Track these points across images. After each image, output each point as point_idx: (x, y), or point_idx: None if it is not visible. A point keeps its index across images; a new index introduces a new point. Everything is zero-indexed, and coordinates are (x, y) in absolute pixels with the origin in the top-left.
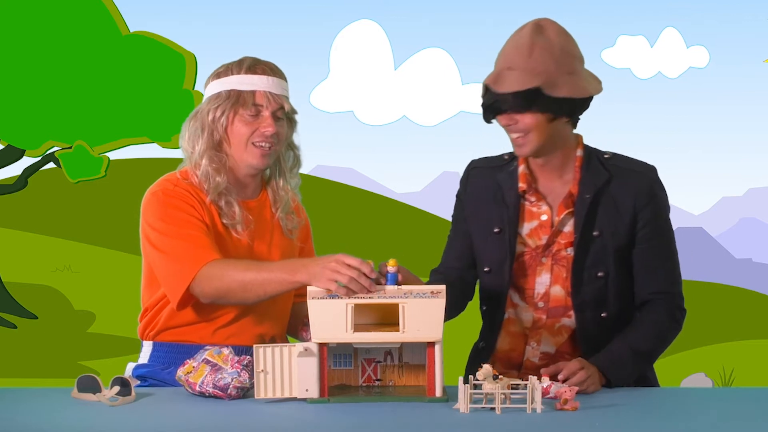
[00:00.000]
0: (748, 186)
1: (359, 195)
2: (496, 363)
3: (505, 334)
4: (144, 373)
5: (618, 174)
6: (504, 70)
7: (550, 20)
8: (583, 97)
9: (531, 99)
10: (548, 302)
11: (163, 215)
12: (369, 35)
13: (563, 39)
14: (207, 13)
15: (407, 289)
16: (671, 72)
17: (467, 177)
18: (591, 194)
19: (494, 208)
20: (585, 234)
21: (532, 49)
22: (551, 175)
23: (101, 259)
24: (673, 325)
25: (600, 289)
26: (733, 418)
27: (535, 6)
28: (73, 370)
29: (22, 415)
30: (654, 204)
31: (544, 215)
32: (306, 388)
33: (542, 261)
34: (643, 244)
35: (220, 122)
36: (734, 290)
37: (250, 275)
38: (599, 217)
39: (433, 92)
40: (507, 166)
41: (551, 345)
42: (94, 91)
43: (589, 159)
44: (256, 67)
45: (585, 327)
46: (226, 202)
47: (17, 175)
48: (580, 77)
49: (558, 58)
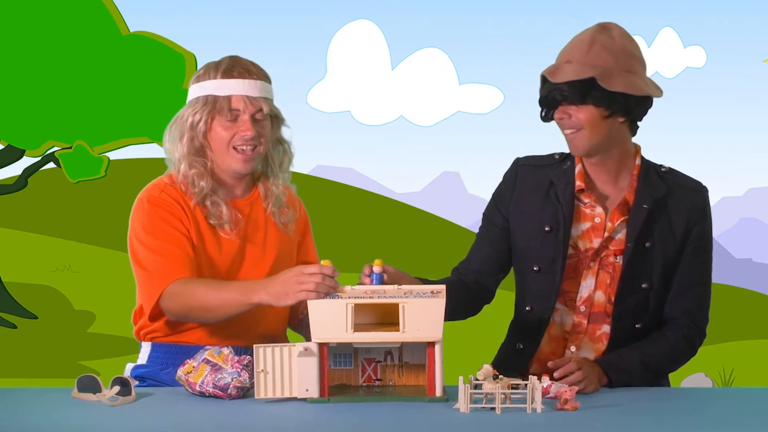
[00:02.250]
0: (748, 186)
1: (359, 195)
2: (534, 364)
3: (546, 336)
4: (142, 373)
5: (675, 189)
6: (563, 63)
7: (615, 24)
8: (640, 96)
9: (585, 90)
10: (590, 307)
11: (145, 224)
12: (366, 35)
13: (626, 40)
14: (207, 13)
15: (407, 289)
16: (668, 72)
17: (515, 174)
18: (649, 205)
19: (546, 206)
20: (638, 245)
21: (593, 44)
22: (606, 179)
23: (101, 259)
24: (689, 351)
25: (642, 300)
26: (733, 418)
27: (533, 6)
28: (73, 370)
29: (22, 415)
30: (705, 224)
31: (597, 218)
32: (306, 388)
33: (590, 265)
34: (687, 261)
35: (199, 128)
36: (734, 290)
37: (210, 296)
38: (653, 229)
39: (431, 92)
40: (560, 164)
41: (591, 351)
42: (94, 91)
43: (647, 170)
44: (232, 71)
45: (618, 336)
46: (213, 202)
47: (17, 175)
48: (639, 77)
49: (617, 55)
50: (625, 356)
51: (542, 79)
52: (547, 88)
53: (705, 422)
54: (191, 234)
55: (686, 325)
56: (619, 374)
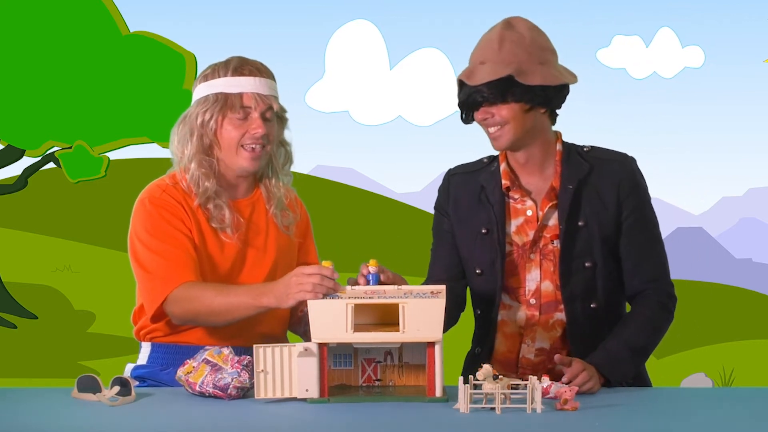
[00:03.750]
0: (748, 186)
1: (359, 195)
2: (494, 366)
3: (500, 336)
4: (142, 373)
5: (598, 165)
6: (477, 65)
7: (520, 17)
8: (557, 86)
9: (505, 88)
10: (540, 298)
11: (148, 226)
12: (364, 35)
13: (534, 33)
14: (207, 13)
15: (407, 289)
16: (667, 72)
17: (447, 185)
18: (573, 185)
19: (479, 210)
20: (570, 224)
21: (503, 42)
22: (532, 171)
23: (101, 259)
24: (666, 316)
25: (588, 279)
26: (733, 418)
27: (531, 6)
28: (73, 370)
29: (22, 415)
30: (637, 192)
31: (529, 210)
32: (306, 388)
33: (530, 257)
34: (630, 232)
35: (209, 126)
36: (734, 290)
37: (218, 300)
38: (583, 208)
39: (429, 92)
40: (488, 167)
41: (546, 341)
42: (94, 91)
43: (569, 152)
44: (242, 69)
45: (575, 319)
46: (216, 205)
47: (17, 175)
48: (553, 67)
49: (528, 49)
50: (611, 347)
51: (459, 83)
52: (465, 91)
53: (705, 422)
54: (193, 235)
55: (655, 293)
56: (612, 366)
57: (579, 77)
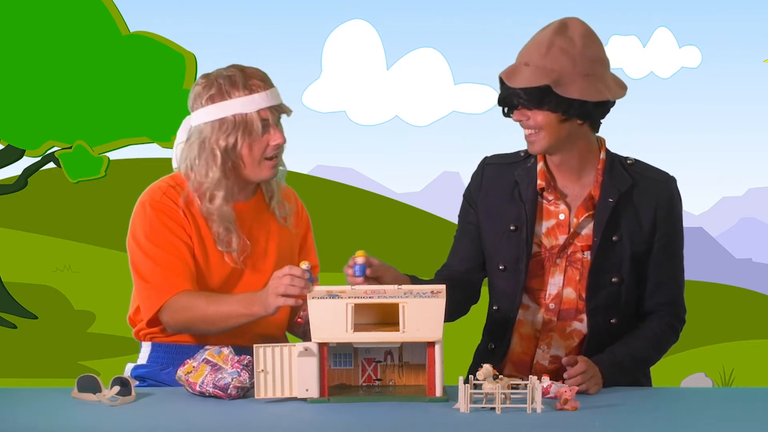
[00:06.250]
0: (748, 186)
1: (359, 195)
2: (507, 365)
3: (516, 336)
4: (142, 373)
5: (642, 181)
6: (521, 65)
7: (578, 20)
8: (598, 101)
9: (541, 96)
10: (559, 304)
11: (147, 230)
12: (361, 35)
13: (587, 40)
14: (207, 13)
15: (407, 288)
16: (663, 72)
17: (481, 173)
18: (615, 199)
19: (510, 205)
20: (605, 239)
21: (551, 47)
22: (569, 176)
23: (101, 259)
24: (672, 337)
25: (613, 294)
26: (733, 418)
27: (529, 6)
28: (73, 370)
29: (22, 415)
30: (672, 215)
31: (561, 214)
32: (306, 387)
33: (556, 262)
34: (659, 254)
35: (236, 151)
36: (734, 290)
37: (212, 309)
38: (619, 223)
39: (426, 92)
40: (524, 162)
41: (561, 348)
42: (94, 91)
43: (612, 163)
44: (250, 84)
45: (596, 333)
46: (225, 228)
47: (17, 175)
48: (598, 80)
49: (576, 58)
50: (617, 352)
51: (500, 81)
52: (504, 90)
53: (705, 422)
54: (193, 240)
55: (668, 314)
56: (614, 370)
57: None
